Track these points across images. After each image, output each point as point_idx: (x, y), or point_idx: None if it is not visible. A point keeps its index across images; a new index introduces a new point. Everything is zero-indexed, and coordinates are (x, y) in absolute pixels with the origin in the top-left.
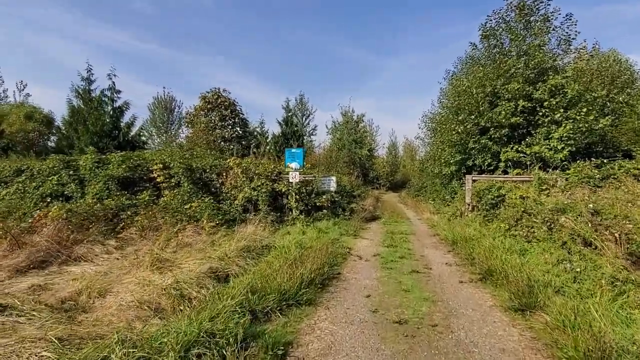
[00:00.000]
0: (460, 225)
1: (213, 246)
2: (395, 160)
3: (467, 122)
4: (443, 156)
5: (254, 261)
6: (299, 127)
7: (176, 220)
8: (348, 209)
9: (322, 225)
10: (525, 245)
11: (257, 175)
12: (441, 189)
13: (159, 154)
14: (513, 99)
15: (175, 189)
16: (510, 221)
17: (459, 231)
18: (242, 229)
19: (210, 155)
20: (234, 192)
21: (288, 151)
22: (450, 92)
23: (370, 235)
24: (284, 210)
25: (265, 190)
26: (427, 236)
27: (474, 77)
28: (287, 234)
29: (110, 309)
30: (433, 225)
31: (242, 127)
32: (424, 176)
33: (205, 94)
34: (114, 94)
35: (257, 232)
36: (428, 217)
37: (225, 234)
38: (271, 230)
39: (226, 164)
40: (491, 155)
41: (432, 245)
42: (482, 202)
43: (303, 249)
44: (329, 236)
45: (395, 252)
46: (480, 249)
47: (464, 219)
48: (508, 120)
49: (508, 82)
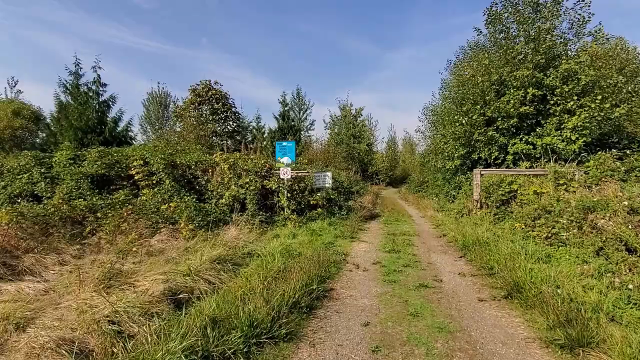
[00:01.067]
0: (469, 225)
1: (187, 254)
2: (395, 155)
3: (472, 113)
4: (446, 149)
5: (229, 275)
6: (296, 122)
7: (151, 222)
8: (345, 207)
9: (316, 225)
10: (549, 249)
11: (246, 172)
12: (444, 184)
13: (139, 149)
14: (522, 86)
15: (156, 187)
16: (527, 220)
17: (469, 232)
18: (226, 232)
19: (197, 151)
20: (220, 190)
21: (279, 144)
22: (453, 81)
23: (370, 237)
24: (274, 210)
25: (254, 187)
26: (432, 238)
27: (478, 64)
28: (276, 237)
29: (19, 352)
30: (438, 224)
31: (235, 121)
32: (425, 171)
33: (195, 86)
34: (99, 87)
35: (241, 236)
36: (432, 214)
37: (204, 238)
38: (258, 233)
39: (212, 159)
40: (498, 148)
41: (439, 248)
42: (491, 198)
43: (291, 258)
44: (322, 239)
45: (398, 258)
46: (499, 256)
47: (472, 217)
48: (517, 109)
49: (516, 68)
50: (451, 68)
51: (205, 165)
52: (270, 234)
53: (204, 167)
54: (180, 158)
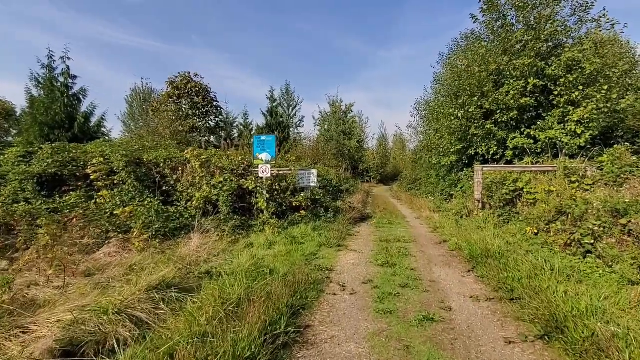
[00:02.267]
0: (472, 229)
1: (129, 274)
2: (386, 152)
3: (468, 105)
4: (442, 145)
5: (171, 308)
6: (284, 118)
7: (101, 231)
8: (332, 209)
9: (298, 231)
10: (575, 261)
11: (220, 170)
12: (438, 182)
13: (100, 144)
14: (522, 76)
15: (116, 188)
16: (539, 223)
17: (475, 239)
18: (188, 242)
19: (169, 147)
20: (191, 191)
21: (257, 139)
22: (448, 73)
23: (359, 245)
24: (253, 212)
25: (228, 187)
26: (431, 244)
27: (475, 54)
28: (248, 246)
29: None
30: (436, 227)
31: (217, 116)
32: (418, 168)
33: (173, 78)
34: (69, 79)
35: (207, 246)
36: (428, 215)
37: (160, 250)
38: (229, 241)
39: (183, 156)
40: (497, 143)
41: (441, 259)
42: (494, 198)
43: (259, 278)
44: (303, 249)
45: (393, 275)
46: (519, 272)
47: (474, 219)
48: (517, 101)
49: (516, 57)
50: (444, 61)
51: (175, 163)
52: (242, 242)
53: (173, 165)
54: (148, 155)
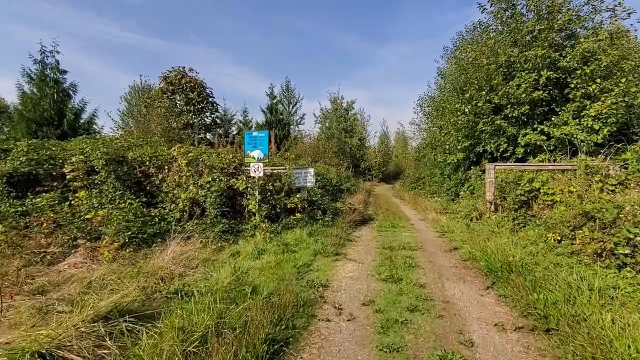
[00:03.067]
0: (486, 234)
1: (87, 292)
2: (388, 150)
3: (476, 100)
4: (448, 142)
5: (119, 345)
6: (284, 116)
7: (69, 237)
8: (331, 210)
9: (291, 237)
10: (611, 276)
11: (209, 169)
12: (443, 181)
13: (80, 141)
14: (534, 69)
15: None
16: (562, 229)
17: (491, 248)
18: (166, 250)
19: (156, 143)
20: (177, 191)
21: (248, 134)
22: (453, 67)
23: (360, 253)
24: (244, 215)
25: (217, 188)
26: (441, 252)
27: (483, 45)
28: (234, 255)
29: None
30: (444, 231)
31: (213, 112)
32: (421, 166)
33: (167, 73)
34: (58, 74)
35: (185, 255)
36: (434, 217)
37: (132, 261)
38: (214, 249)
39: (169, 154)
40: (506, 139)
41: (454, 272)
42: (507, 199)
43: (239, 299)
44: (296, 259)
45: (399, 294)
46: (552, 293)
47: (486, 222)
48: (529, 95)
49: (527, 48)
50: (448, 55)
51: (161, 161)
52: (228, 250)
53: (159, 164)
54: (133, 152)
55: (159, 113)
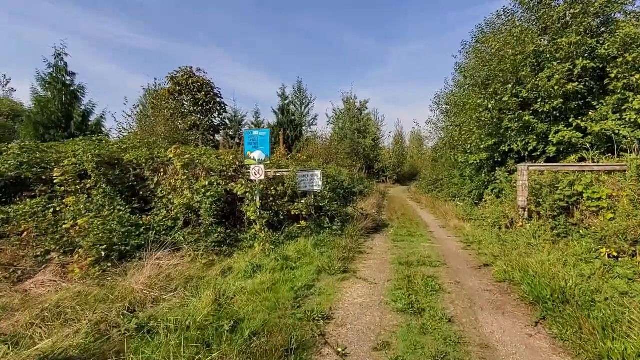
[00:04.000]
0: (522, 247)
1: (33, 324)
2: (403, 151)
3: (501, 94)
4: (470, 140)
5: None
6: (296, 116)
7: (42, 250)
8: (340, 217)
9: (293, 248)
10: None
11: (207, 172)
12: (464, 183)
13: (73, 143)
14: (568, 58)
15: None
16: (619, 243)
17: (532, 266)
18: (149, 266)
19: (154, 145)
20: (172, 196)
21: (247, 134)
22: (474, 61)
23: (371, 270)
24: (243, 223)
25: (213, 193)
26: (468, 269)
27: (508, 34)
28: (225, 272)
29: None
30: (469, 241)
31: (221, 113)
32: (438, 167)
33: (174, 73)
34: (66, 76)
35: (166, 274)
36: (456, 224)
37: (105, 280)
38: (204, 264)
39: (166, 155)
40: (536, 137)
41: (488, 299)
42: (544, 205)
43: (213, 343)
44: (296, 278)
45: (422, 332)
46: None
47: (519, 232)
48: (562, 87)
49: (559, 35)
50: (467, 50)
51: (157, 164)
52: (219, 266)
53: (155, 166)
54: (129, 154)
55: (165, 114)
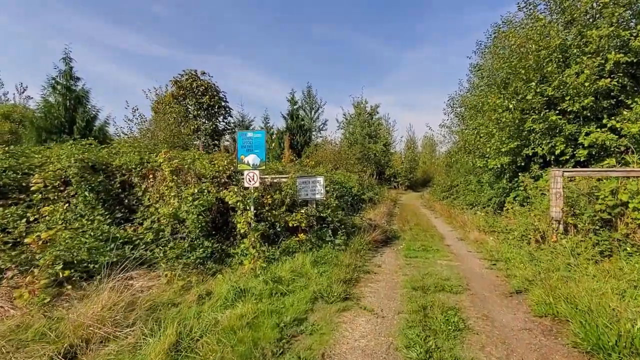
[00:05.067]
0: (561, 268)
1: None
2: (415, 156)
3: (523, 93)
4: (489, 144)
5: None
6: (306, 121)
7: None
8: (346, 228)
9: (289, 267)
10: None
11: (198, 178)
12: (482, 190)
13: (59, 148)
14: (599, 51)
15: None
16: None
17: (581, 297)
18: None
19: (144, 148)
20: (159, 205)
21: (241, 136)
22: (491, 60)
23: (378, 296)
24: (236, 235)
25: (203, 201)
26: (498, 298)
27: (529, 29)
28: (203, 298)
29: None
30: (493, 258)
31: (225, 117)
32: (453, 172)
33: (179, 77)
34: (70, 80)
35: (127, 301)
36: (476, 237)
37: (49, 308)
38: (183, 286)
39: (155, 160)
40: (564, 140)
41: (528, 342)
42: (583, 217)
43: None
44: (285, 307)
45: None
46: None
47: (553, 247)
48: (593, 84)
49: (588, 28)
50: (482, 50)
51: (147, 170)
52: (197, 290)
53: (145, 172)
54: (120, 159)
55: (168, 119)
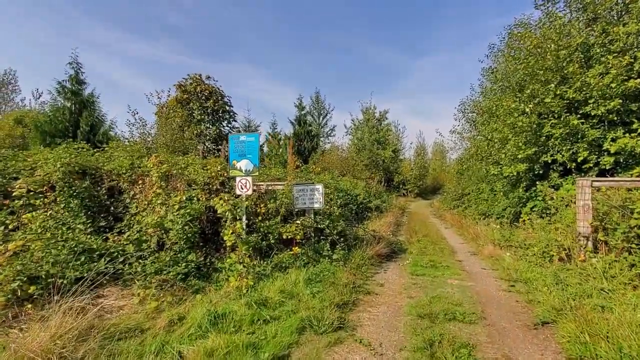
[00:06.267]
0: (595, 294)
1: None
2: (424, 163)
3: (542, 96)
4: (504, 150)
5: None
6: (313, 127)
7: None
8: (344, 242)
9: (279, 285)
10: None
11: (188, 185)
12: (495, 199)
13: (47, 152)
14: (626, 50)
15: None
16: None
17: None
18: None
19: (136, 152)
20: (146, 213)
21: (233, 140)
22: (505, 63)
23: (377, 327)
24: (225, 247)
25: (190, 210)
26: (520, 331)
27: (550, 27)
28: (174, 323)
29: None
30: (511, 278)
31: (230, 122)
32: (464, 180)
33: (183, 82)
34: (75, 85)
35: (81, 328)
36: (491, 252)
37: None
38: (156, 307)
39: (145, 165)
40: (587, 146)
41: None
42: (616, 233)
43: None
44: (267, 338)
45: None
46: None
47: (582, 267)
48: (620, 85)
49: (613, 25)
50: (496, 52)
51: (137, 175)
52: (168, 314)
53: (135, 177)
54: (111, 164)
55: (171, 123)
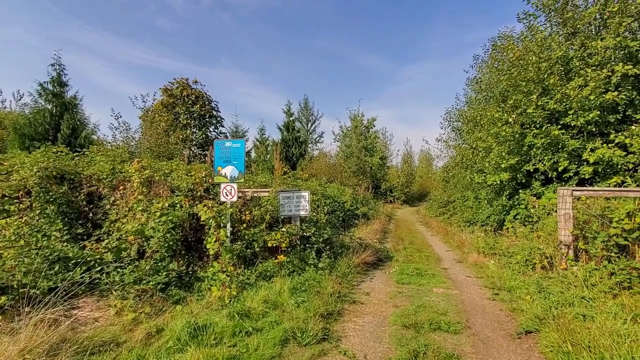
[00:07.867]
0: (576, 302)
1: None
2: (411, 170)
3: (524, 106)
4: (487, 158)
5: None
6: (302, 133)
7: None
8: (329, 250)
9: (262, 295)
10: None
11: (171, 191)
12: (480, 207)
13: (24, 155)
14: (603, 63)
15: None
16: None
17: (608, 344)
18: (29, 328)
19: (118, 156)
20: (126, 220)
21: (218, 145)
22: (489, 73)
23: (362, 337)
24: (208, 255)
25: (172, 217)
26: (504, 341)
27: (531, 40)
28: (152, 336)
29: None
30: (495, 286)
31: (217, 127)
32: (450, 187)
33: (169, 85)
34: (57, 86)
35: (55, 340)
36: (476, 260)
37: None
38: (134, 319)
39: (126, 170)
40: (567, 156)
41: None
42: (596, 241)
43: None
44: (249, 351)
45: None
46: None
47: (563, 275)
48: (598, 97)
49: (592, 39)
50: (480, 63)
51: (118, 180)
52: (145, 326)
53: (115, 183)
54: (91, 168)
55: (156, 128)
